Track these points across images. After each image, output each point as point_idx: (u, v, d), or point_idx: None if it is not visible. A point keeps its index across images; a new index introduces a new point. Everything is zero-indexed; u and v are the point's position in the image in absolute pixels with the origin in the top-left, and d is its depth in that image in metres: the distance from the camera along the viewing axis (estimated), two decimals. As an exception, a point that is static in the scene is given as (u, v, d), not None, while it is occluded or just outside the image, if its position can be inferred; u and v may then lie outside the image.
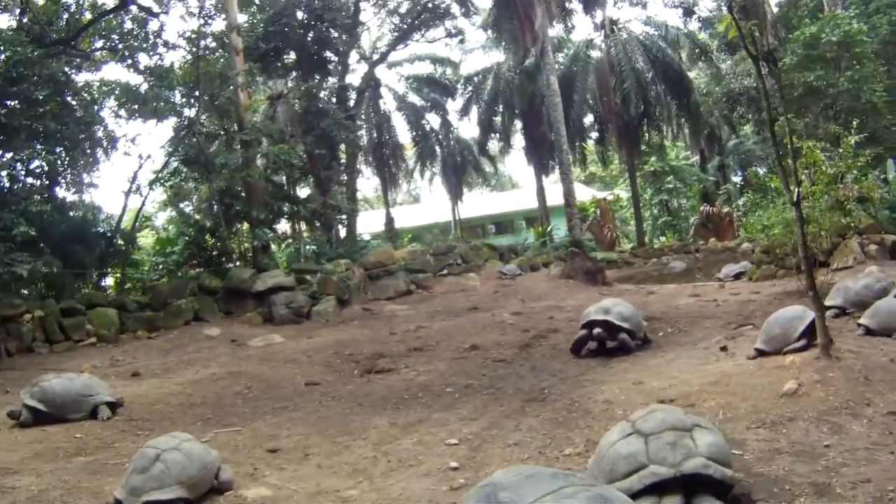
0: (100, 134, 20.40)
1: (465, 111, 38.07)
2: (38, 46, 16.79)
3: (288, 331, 16.14)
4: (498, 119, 38.10)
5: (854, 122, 20.38)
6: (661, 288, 19.71)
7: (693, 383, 7.53)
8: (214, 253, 20.23)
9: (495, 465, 6.02)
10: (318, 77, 24.98)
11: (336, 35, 26.24)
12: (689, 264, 27.66)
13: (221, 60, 20.30)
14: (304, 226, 26.07)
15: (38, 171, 18.91)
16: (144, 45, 20.34)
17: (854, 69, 21.35)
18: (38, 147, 17.72)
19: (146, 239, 25.72)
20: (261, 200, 20.12)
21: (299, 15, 24.34)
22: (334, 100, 24.96)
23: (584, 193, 43.68)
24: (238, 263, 19.98)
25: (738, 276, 20.55)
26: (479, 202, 49.57)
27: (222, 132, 20.85)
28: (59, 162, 19.10)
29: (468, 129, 69.40)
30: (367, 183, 52.45)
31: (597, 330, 10.23)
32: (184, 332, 16.43)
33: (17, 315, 14.56)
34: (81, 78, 20.93)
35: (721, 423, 6.30)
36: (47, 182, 19.29)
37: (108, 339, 15.43)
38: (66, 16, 20.46)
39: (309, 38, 24.61)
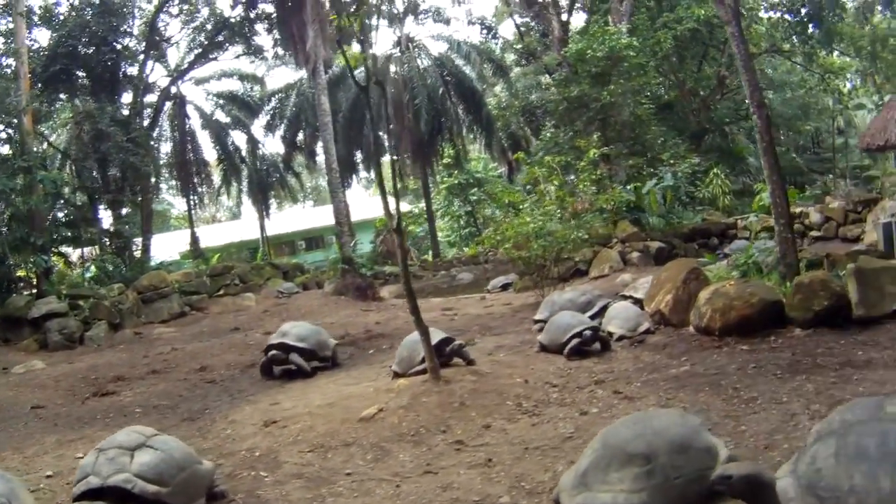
0: None
1: (269, 128, 39.88)
2: None
3: (57, 357, 17.39)
4: (302, 136, 40.03)
5: (609, 134, 23.00)
6: (427, 302, 20.91)
7: (314, 404, 8.70)
8: None
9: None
10: (106, 98, 26.16)
11: (127, 55, 27.73)
12: (477, 275, 29.27)
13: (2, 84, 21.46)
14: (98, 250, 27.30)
15: None
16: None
17: (618, 83, 23.32)
18: None
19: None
20: (42, 226, 21.41)
21: (87, 36, 25.50)
22: (121, 120, 26.07)
23: (401, 207, 46.31)
24: (25, 290, 21.12)
25: (504, 287, 22.46)
26: (289, 218, 51.23)
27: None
28: None
29: (274, 145, 70.32)
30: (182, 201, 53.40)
31: (272, 352, 11.25)
32: None
33: None
34: None
35: (289, 444, 7.36)
36: None
37: None
38: None
39: (97, 60, 25.90)
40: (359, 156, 39.51)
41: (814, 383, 7.21)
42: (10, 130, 21.80)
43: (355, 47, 27.22)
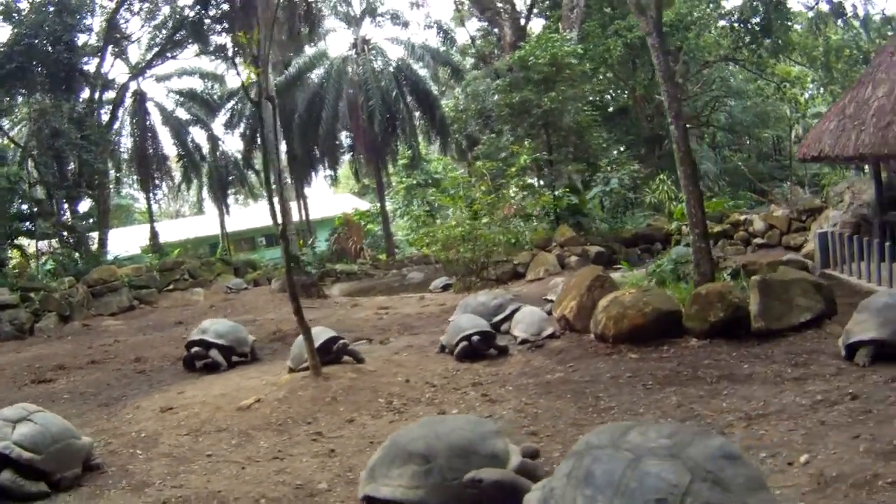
0: None
1: (229, 125, 40.36)
2: None
3: (6, 346, 18.12)
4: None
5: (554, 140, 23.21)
6: (370, 300, 21.91)
7: (211, 394, 9.46)
8: None
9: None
10: (62, 95, 26.96)
11: (84, 52, 28.48)
12: (428, 275, 29.01)
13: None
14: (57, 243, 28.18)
15: None
16: None
17: (560, 90, 23.71)
18: None
19: None
20: None
21: (44, 34, 26.16)
22: (76, 117, 26.80)
23: (359, 205, 47.38)
24: None
25: (445, 288, 22.34)
26: (249, 215, 51.49)
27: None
28: None
29: (234, 142, 70.57)
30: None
31: (194, 349, 11.91)
32: None
33: None
34: None
35: (172, 428, 8.12)
36: None
37: None
38: None
39: (54, 57, 26.55)
40: (318, 153, 40.21)
41: (680, 396, 7.41)
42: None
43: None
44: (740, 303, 9.55)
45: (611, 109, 32.45)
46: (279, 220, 10.71)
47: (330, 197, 57.07)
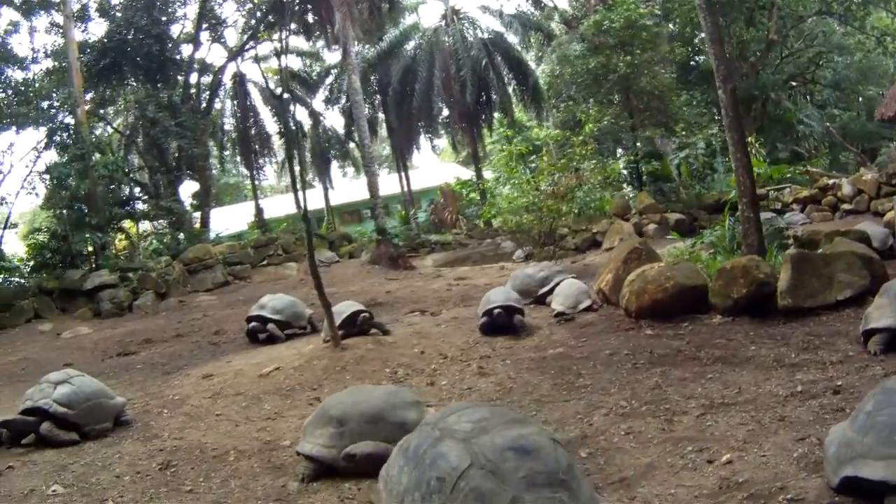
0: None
1: (329, 102, 41.90)
2: None
3: (106, 323, 20.02)
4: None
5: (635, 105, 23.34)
6: (452, 271, 22.83)
7: (248, 363, 10.37)
8: (58, 257, 24.10)
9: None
10: (157, 85, 28.81)
11: (177, 41, 30.40)
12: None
13: (55, 79, 24.60)
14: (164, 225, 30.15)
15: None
16: (14, 59, 24.99)
17: (635, 54, 23.77)
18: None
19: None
20: (98, 207, 24.20)
21: (136, 28, 27.95)
22: (169, 105, 28.34)
23: (463, 174, 48.21)
24: (85, 265, 23.96)
25: (527, 257, 22.38)
26: (354, 187, 52.32)
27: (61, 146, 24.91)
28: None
29: (335, 118, 71.98)
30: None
31: (252, 324, 12.94)
32: (24, 328, 20.36)
33: None
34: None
35: (201, 392, 9.16)
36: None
37: None
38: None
39: (146, 50, 28.29)
40: (414, 124, 41.03)
41: (662, 377, 7.41)
42: (68, 120, 24.60)
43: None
44: (766, 278, 9.18)
45: (700, 69, 31.91)
46: (302, 204, 11.90)
47: (437, 167, 58.00)
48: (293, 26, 34.44)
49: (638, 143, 25.16)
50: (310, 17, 32.13)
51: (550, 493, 3.54)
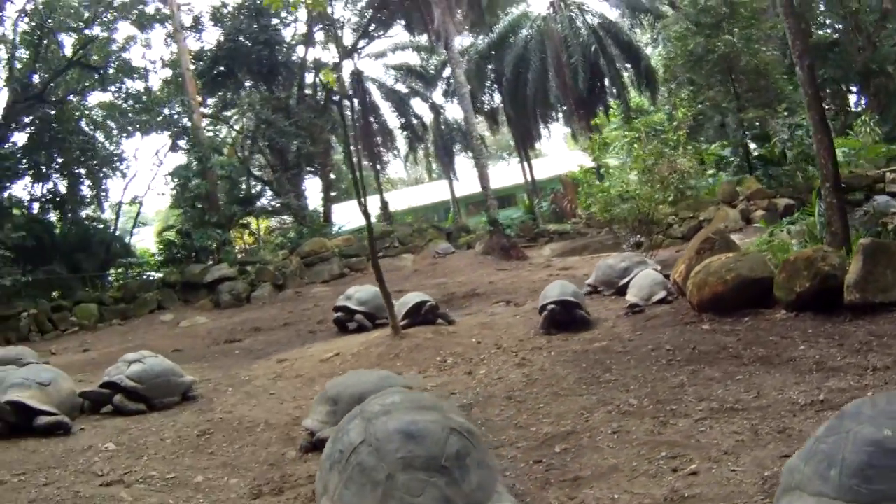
0: (104, 153, 27.44)
1: (447, 94, 42.55)
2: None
3: (224, 314, 21.55)
4: (482, 97, 42.28)
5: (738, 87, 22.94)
6: (562, 261, 23.13)
7: (322, 350, 11.18)
8: (184, 252, 26.25)
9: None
10: (272, 87, 30.61)
11: (290, 44, 31.99)
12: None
13: (172, 87, 26.67)
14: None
15: (51, 195, 26.40)
16: (131, 70, 27.14)
17: (734, 32, 23.20)
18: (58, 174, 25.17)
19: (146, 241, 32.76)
20: (217, 206, 26.09)
21: (245, 35, 29.64)
22: (282, 107, 30.10)
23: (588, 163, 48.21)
24: (209, 260, 25.79)
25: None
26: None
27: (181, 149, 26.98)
28: (72, 182, 26.43)
29: (455, 110, 72.62)
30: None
31: (337, 314, 13.78)
32: (147, 319, 22.36)
33: (16, 314, 20.97)
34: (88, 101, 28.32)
35: (268, 374, 10.13)
36: (61, 201, 26.65)
37: (88, 327, 21.62)
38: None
39: (257, 55, 29.89)
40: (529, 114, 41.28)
41: (690, 376, 7.23)
42: (185, 125, 26.47)
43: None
44: (832, 271, 8.56)
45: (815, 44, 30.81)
46: (363, 201, 11.90)
47: (565, 154, 58.13)
48: (400, 22, 35.66)
49: (745, 125, 24.57)
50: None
51: (425, 475, 3.80)
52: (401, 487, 3.71)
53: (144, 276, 26.43)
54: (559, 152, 59.94)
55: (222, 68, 29.38)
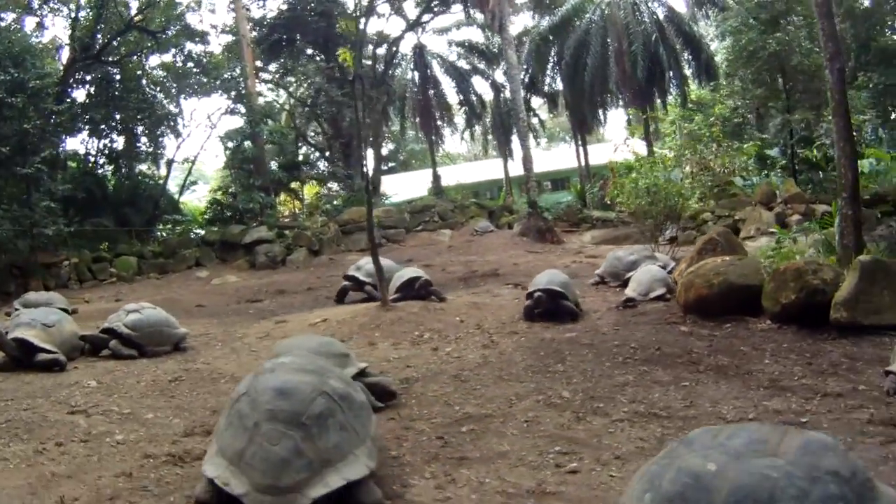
0: (161, 112, 28.63)
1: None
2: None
3: (257, 275, 22.54)
4: (542, 78, 42.54)
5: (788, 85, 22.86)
6: (595, 249, 23.35)
7: (319, 315, 11.86)
8: (228, 212, 27.46)
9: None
10: (329, 59, 31.02)
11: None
12: (685, 222, 31.11)
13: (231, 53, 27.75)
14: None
15: (108, 150, 27.82)
16: (192, 33, 28.25)
17: (787, 30, 23.15)
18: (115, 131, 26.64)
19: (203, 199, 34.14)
20: (263, 170, 27.17)
21: (304, 5, 30.50)
22: (336, 77, 30.65)
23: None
24: (253, 222, 26.74)
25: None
26: (536, 159, 53.61)
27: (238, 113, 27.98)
28: (129, 139, 27.82)
29: None
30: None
31: (346, 283, 14.56)
32: (183, 274, 23.55)
33: (58, 262, 22.25)
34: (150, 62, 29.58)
35: (259, 334, 10.90)
36: (117, 156, 28.08)
37: (126, 279, 22.88)
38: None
39: (312, 27, 30.80)
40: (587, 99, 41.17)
41: (638, 377, 7.33)
42: (239, 90, 27.49)
43: None
44: (821, 286, 8.45)
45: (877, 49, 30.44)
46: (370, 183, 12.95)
47: (621, 141, 57.82)
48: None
49: (792, 126, 24.72)
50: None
51: (284, 428, 4.24)
52: (263, 435, 4.23)
53: (191, 234, 27.51)
54: (620, 139, 59.65)
55: (279, 36, 30.17)
